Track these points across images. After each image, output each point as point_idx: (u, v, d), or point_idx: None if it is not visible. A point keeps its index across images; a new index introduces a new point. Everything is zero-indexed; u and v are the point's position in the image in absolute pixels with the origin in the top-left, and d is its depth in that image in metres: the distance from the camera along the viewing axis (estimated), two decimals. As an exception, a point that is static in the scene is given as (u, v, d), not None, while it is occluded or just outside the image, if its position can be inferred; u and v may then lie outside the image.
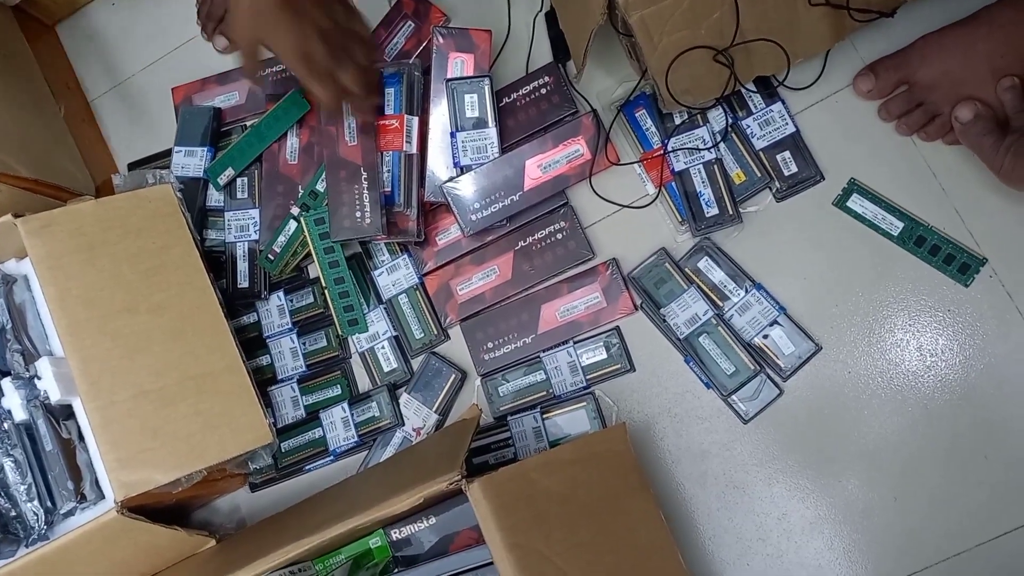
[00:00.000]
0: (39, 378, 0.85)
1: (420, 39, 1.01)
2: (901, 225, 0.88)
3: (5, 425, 0.85)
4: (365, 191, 0.91)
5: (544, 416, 0.93)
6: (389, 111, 0.95)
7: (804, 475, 0.89)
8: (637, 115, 0.95)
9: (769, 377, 0.90)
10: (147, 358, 0.86)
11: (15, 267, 0.91)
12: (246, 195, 1.02)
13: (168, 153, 1.05)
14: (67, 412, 0.86)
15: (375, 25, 1.03)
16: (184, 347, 0.88)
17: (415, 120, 0.95)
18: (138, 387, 0.85)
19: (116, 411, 0.83)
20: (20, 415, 0.85)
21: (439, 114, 0.94)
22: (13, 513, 0.84)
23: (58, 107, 1.06)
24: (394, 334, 0.99)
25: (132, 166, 1.09)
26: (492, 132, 0.92)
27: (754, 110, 0.92)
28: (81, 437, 0.86)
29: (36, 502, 0.83)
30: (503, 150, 0.94)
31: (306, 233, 0.96)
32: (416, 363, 0.99)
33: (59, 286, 0.85)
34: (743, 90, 0.93)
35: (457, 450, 0.79)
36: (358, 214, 0.91)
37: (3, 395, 0.85)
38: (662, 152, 0.93)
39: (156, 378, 0.86)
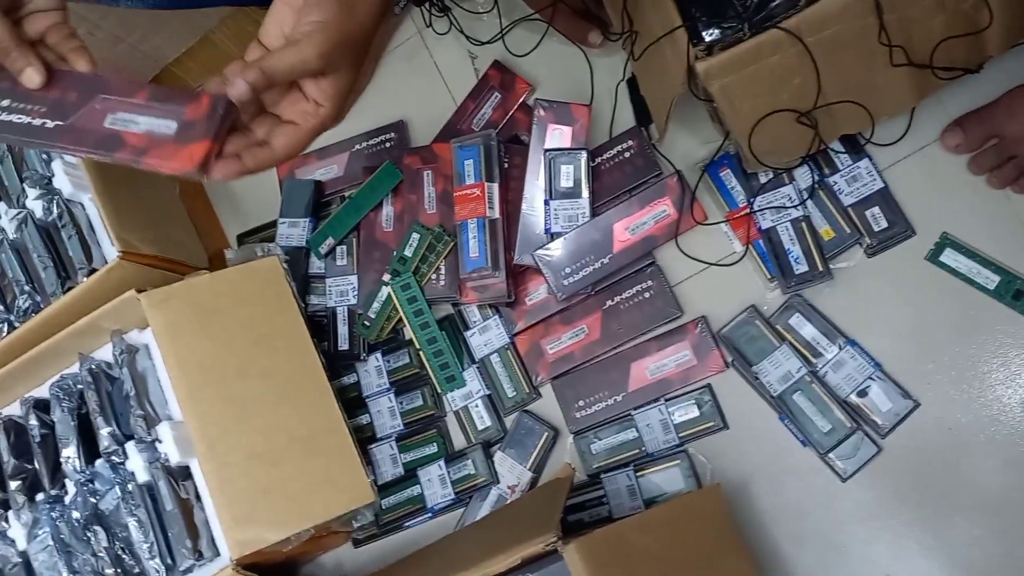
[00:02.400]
0: (160, 441, 0.91)
1: (506, 109, 1.06)
2: (997, 279, 0.87)
3: (130, 486, 0.91)
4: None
5: (638, 474, 0.94)
6: (469, 180, 0.99)
7: (907, 534, 0.87)
8: (722, 175, 0.96)
9: (867, 434, 0.89)
10: (257, 421, 0.91)
11: (137, 337, 0.97)
12: (345, 262, 1.07)
13: (272, 224, 1.12)
14: (185, 473, 0.92)
15: (463, 98, 1.08)
16: (291, 409, 0.92)
17: (495, 187, 0.99)
18: (250, 449, 0.89)
19: (230, 472, 0.88)
20: (143, 477, 0.90)
21: (536, 181, 0.98)
22: (137, 570, 0.89)
23: (174, 185, 1.14)
24: (487, 393, 1.01)
25: (240, 237, 1.16)
26: (585, 202, 0.95)
27: (840, 167, 0.93)
28: (198, 497, 0.91)
29: (158, 559, 0.88)
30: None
31: (395, 299, 1.01)
32: (509, 421, 1.01)
33: (178, 355, 0.91)
34: (828, 148, 0.93)
35: (552, 510, 0.81)
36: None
37: (127, 458, 0.91)
38: (748, 211, 0.94)
39: (266, 440, 0.90)
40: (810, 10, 0.78)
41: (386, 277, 1.03)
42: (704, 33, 0.79)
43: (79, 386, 0.97)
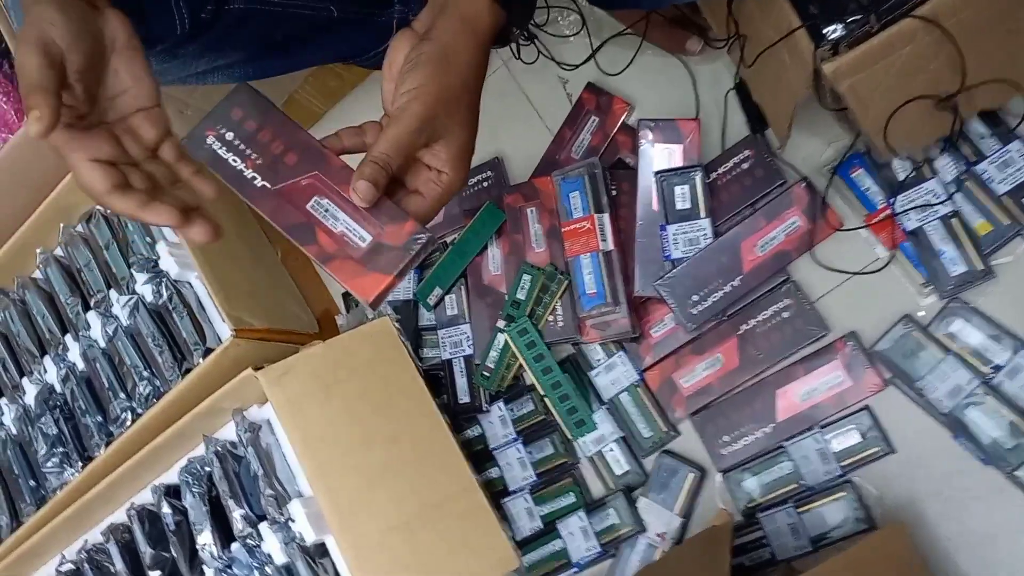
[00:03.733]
0: (293, 520, 0.88)
1: (606, 133, 1.00)
2: None
3: (268, 569, 0.89)
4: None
5: (799, 510, 0.86)
6: (576, 213, 0.94)
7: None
8: (854, 176, 0.88)
9: (1057, 446, 0.79)
10: (388, 491, 0.87)
11: (257, 413, 0.95)
12: (456, 311, 1.03)
13: (377, 279, 1.09)
14: (322, 551, 0.89)
15: (559, 126, 1.03)
16: (420, 475, 0.89)
17: (605, 217, 0.93)
18: (385, 521, 0.86)
19: (367, 547, 0.85)
20: (280, 558, 0.88)
21: (649, 206, 0.92)
22: (284, 657, 0.86)
23: (275, 251, 1.12)
24: (621, 435, 0.95)
25: (346, 295, 1.13)
26: (705, 223, 0.89)
27: (988, 153, 0.84)
28: (337, 574, 0.88)
29: (305, 644, 0.85)
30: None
31: (513, 346, 0.96)
32: (649, 463, 0.95)
33: (301, 430, 0.89)
34: (971, 134, 0.84)
35: (718, 564, 0.75)
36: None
37: (263, 540, 0.89)
38: (889, 213, 0.86)
39: (399, 510, 0.87)
40: (945, -8, 0.70)
41: (501, 323, 0.98)
42: (826, 31, 0.72)
43: (207, 468, 0.96)
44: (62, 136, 0.53)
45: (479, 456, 1.02)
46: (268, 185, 0.60)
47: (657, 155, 0.92)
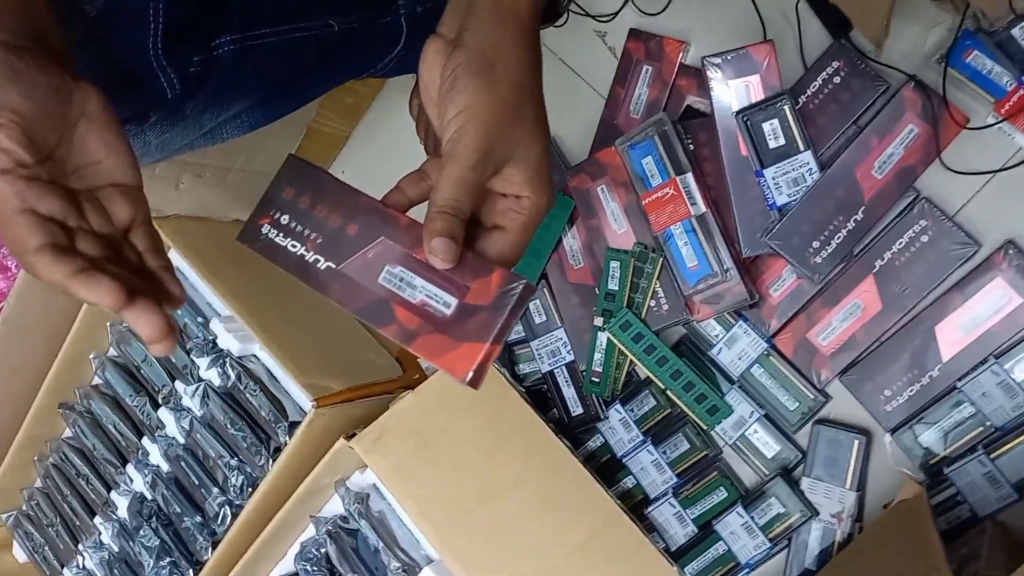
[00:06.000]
0: (430, 591, 0.80)
1: (664, 81, 0.88)
2: None
3: (416, 649, 0.80)
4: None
5: (992, 456, 0.74)
6: (655, 181, 0.83)
7: None
8: (969, 60, 0.74)
9: None
10: (526, 542, 0.78)
11: (361, 479, 0.87)
12: (545, 317, 0.93)
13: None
14: (469, 618, 0.80)
15: (609, 86, 0.91)
16: (556, 516, 0.79)
17: (689, 178, 0.82)
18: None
19: (518, 608, 0.76)
20: (426, 635, 0.79)
21: (737, 152, 0.80)
22: None
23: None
24: (762, 413, 0.84)
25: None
26: (807, 157, 0.76)
27: None
28: (490, 640, 0.79)
29: None
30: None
31: (618, 343, 0.86)
32: (802, 437, 0.84)
33: (412, 496, 0.79)
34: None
35: (926, 545, 0.64)
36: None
37: (402, 618, 0.81)
38: (1023, 93, 0.72)
39: (543, 560, 0.78)
40: None
41: (598, 321, 0.87)
42: None
43: (323, 550, 0.88)
44: None
45: (608, 467, 0.92)
46: (332, 265, 0.51)
47: (732, 93, 0.79)
